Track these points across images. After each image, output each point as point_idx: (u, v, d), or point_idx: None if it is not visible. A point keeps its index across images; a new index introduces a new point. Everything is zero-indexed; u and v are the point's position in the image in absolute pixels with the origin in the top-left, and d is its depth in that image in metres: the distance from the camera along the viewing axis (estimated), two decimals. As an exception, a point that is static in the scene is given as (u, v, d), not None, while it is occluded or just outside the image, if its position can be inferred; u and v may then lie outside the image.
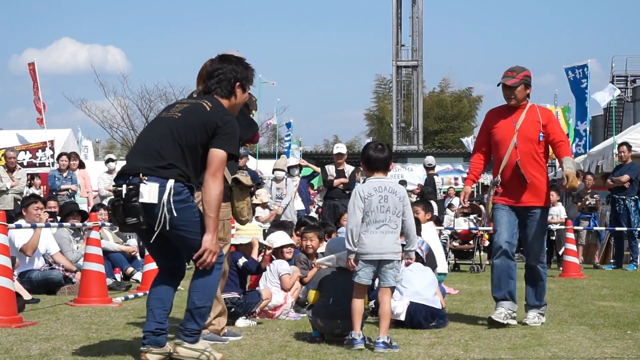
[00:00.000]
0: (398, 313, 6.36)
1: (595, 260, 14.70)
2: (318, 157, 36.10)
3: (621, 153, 14.10)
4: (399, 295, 6.45)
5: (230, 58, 5.10)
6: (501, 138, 6.73)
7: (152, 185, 4.60)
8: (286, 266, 7.34)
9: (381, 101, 54.57)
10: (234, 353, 5.21)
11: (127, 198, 4.60)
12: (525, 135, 6.65)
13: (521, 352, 5.36)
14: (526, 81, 6.76)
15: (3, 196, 14.16)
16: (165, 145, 4.72)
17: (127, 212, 4.63)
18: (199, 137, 4.73)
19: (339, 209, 13.17)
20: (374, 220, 5.50)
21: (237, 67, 5.06)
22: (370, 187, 5.57)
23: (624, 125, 28.94)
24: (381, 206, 5.53)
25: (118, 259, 10.64)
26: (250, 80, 5.16)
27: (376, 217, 5.50)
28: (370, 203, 5.52)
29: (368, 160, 5.68)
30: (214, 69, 5.07)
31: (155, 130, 4.85)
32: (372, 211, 5.51)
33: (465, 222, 13.70)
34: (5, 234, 6.69)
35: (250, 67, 5.16)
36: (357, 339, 5.41)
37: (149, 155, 4.72)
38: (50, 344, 5.47)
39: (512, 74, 6.75)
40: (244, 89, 5.10)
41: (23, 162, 17.29)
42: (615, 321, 6.87)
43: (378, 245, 5.47)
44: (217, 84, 5.01)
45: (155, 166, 4.67)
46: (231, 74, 5.02)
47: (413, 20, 45.86)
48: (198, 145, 4.74)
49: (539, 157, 6.70)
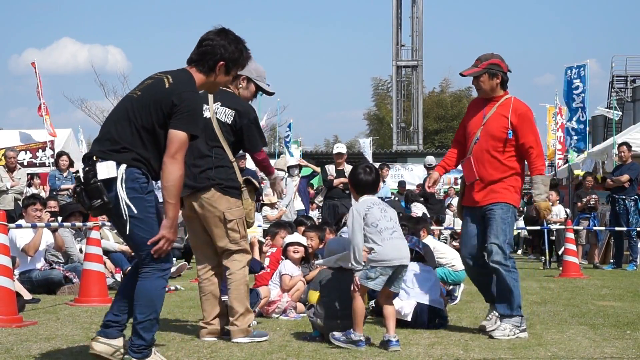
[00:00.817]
0: (406, 314, 6.36)
1: (595, 260, 14.71)
2: (318, 157, 36.08)
3: (621, 153, 14.11)
4: (406, 295, 6.44)
5: (228, 34, 4.70)
6: (469, 131, 6.28)
7: (108, 162, 4.35)
8: (290, 267, 7.32)
9: (380, 102, 54.55)
10: (234, 353, 5.21)
11: (86, 180, 4.37)
12: (488, 130, 6.14)
13: (521, 352, 5.37)
14: (490, 70, 6.15)
15: (3, 196, 14.18)
16: (121, 128, 4.43)
17: (90, 195, 4.37)
18: (155, 116, 4.39)
19: (339, 209, 13.19)
20: (384, 228, 5.48)
21: (230, 45, 4.66)
22: (365, 204, 5.57)
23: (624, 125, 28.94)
24: (383, 216, 5.53)
25: (118, 259, 10.65)
26: (240, 65, 4.77)
27: (385, 225, 5.49)
28: (372, 215, 5.49)
29: (358, 184, 5.67)
30: (205, 38, 4.69)
31: (114, 112, 4.56)
32: (378, 220, 5.49)
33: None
34: (6, 233, 6.69)
35: (246, 51, 4.77)
36: (362, 341, 5.40)
37: (105, 139, 4.45)
38: (50, 344, 5.47)
39: (476, 62, 6.21)
40: (228, 71, 4.70)
41: (23, 162, 17.30)
42: (615, 321, 6.87)
43: (398, 251, 5.46)
44: (200, 56, 4.63)
45: (109, 149, 4.40)
46: (219, 50, 4.63)
47: (413, 20, 45.84)
48: (155, 125, 4.40)
49: (499, 155, 6.11)
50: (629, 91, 36.30)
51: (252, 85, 5.94)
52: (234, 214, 5.63)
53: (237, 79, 5.83)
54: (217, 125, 5.64)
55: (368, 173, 5.69)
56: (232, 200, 5.63)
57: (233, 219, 5.62)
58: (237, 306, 5.63)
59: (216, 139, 5.63)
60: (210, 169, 5.60)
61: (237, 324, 5.63)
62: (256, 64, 5.93)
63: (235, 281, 5.65)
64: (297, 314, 7.14)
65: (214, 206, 5.59)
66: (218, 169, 5.60)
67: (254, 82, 5.93)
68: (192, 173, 5.57)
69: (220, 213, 5.59)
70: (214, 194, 5.59)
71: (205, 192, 5.59)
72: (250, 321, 5.73)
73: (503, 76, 6.21)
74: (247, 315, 5.68)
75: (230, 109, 5.68)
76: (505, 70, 6.23)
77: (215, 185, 5.58)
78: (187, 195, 5.61)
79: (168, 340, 5.69)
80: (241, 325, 5.62)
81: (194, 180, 5.58)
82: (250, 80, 5.91)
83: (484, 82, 6.18)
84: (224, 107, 5.69)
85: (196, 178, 5.59)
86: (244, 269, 5.71)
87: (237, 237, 5.65)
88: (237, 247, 5.66)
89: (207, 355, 5.14)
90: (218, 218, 5.60)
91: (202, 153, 5.61)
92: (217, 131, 5.63)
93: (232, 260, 5.68)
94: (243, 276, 5.69)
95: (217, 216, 5.60)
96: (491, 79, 6.18)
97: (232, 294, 5.65)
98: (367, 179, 5.66)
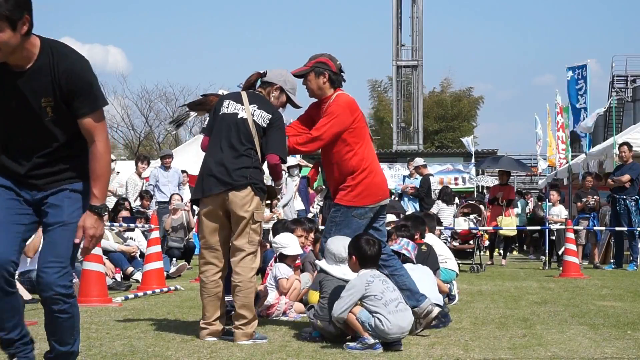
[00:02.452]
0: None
1: (596, 260, 14.71)
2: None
3: (622, 153, 14.11)
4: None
5: None
6: None
7: None
8: (284, 270, 7.33)
9: (379, 102, 54.52)
10: (234, 353, 5.21)
11: None
12: None
13: (521, 352, 5.36)
14: (317, 69, 6.02)
15: (3, 196, 14.15)
16: None
17: None
18: None
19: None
20: (390, 300, 5.38)
21: None
22: (365, 277, 5.46)
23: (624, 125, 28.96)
24: (387, 287, 5.45)
25: (118, 259, 10.66)
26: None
27: (390, 297, 5.40)
28: (374, 287, 5.39)
29: (360, 256, 5.56)
30: None
31: None
32: (382, 292, 5.39)
33: (465, 222, 13.72)
34: (5, 234, 6.67)
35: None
36: (378, 343, 5.32)
37: None
38: (50, 344, 5.45)
39: (308, 61, 6.10)
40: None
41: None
42: (615, 321, 6.86)
43: (400, 327, 5.33)
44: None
45: None
46: None
47: (413, 20, 45.82)
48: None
49: (333, 155, 6.07)
50: (629, 91, 36.33)
51: (284, 96, 5.98)
52: (260, 216, 5.71)
53: (270, 87, 5.91)
54: (253, 126, 5.69)
55: (372, 245, 5.59)
56: (260, 203, 5.71)
57: (259, 220, 5.70)
58: (245, 313, 5.63)
59: (251, 141, 5.67)
60: (248, 167, 5.63)
61: (243, 329, 5.63)
62: (291, 76, 6.00)
63: (246, 289, 5.63)
64: (296, 314, 7.14)
65: (247, 205, 5.60)
66: (254, 170, 5.66)
67: (286, 93, 5.97)
68: (227, 170, 5.61)
69: (250, 213, 5.61)
70: (249, 193, 5.61)
71: (241, 190, 5.61)
72: (255, 326, 5.73)
73: (331, 75, 6.04)
74: (254, 321, 5.70)
75: (267, 113, 5.75)
76: (334, 69, 6.06)
77: (252, 185, 5.62)
78: (222, 191, 5.63)
79: (168, 340, 5.69)
80: (246, 330, 5.64)
81: (230, 177, 5.61)
82: (282, 91, 5.96)
83: (311, 81, 6.08)
84: (261, 110, 5.75)
85: (232, 176, 5.61)
86: (254, 277, 5.73)
87: (255, 240, 5.69)
88: (252, 249, 5.66)
89: (207, 355, 5.14)
90: (246, 217, 5.61)
91: (238, 152, 5.65)
92: (253, 133, 5.68)
93: (244, 266, 5.64)
94: (254, 284, 5.71)
95: (245, 215, 5.61)
96: (317, 78, 6.06)
97: (240, 301, 5.62)
98: (372, 251, 5.56)
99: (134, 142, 46.15)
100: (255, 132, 5.69)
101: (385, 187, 6.24)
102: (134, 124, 45.91)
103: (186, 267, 12.19)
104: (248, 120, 5.69)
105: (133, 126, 45.89)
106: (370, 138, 6.23)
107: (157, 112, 45.93)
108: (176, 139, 44.17)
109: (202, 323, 5.79)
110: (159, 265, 9.69)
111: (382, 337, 5.33)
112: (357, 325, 5.39)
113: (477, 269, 13.16)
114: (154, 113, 45.74)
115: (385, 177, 6.30)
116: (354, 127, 6.01)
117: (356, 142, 6.03)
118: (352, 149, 6.01)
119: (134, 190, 15.03)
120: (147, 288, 9.20)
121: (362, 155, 6.03)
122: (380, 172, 6.20)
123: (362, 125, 6.10)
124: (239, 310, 5.64)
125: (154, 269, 9.59)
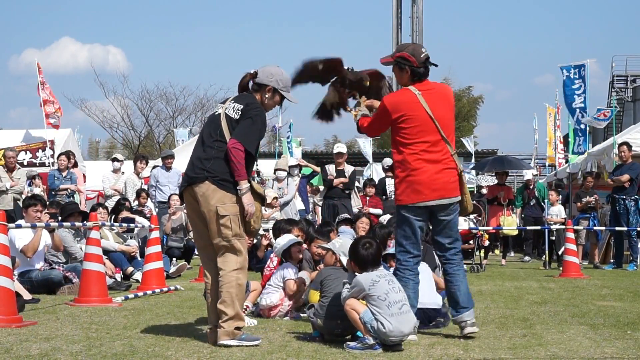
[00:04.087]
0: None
1: (596, 260, 14.72)
2: (318, 157, 36.07)
3: (621, 153, 14.11)
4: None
5: None
6: None
7: None
8: (292, 271, 7.29)
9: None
10: (234, 353, 5.21)
11: None
12: None
13: (521, 352, 5.36)
14: (400, 64, 6.03)
15: (3, 196, 14.18)
16: None
17: None
18: None
19: (338, 209, 13.20)
20: (393, 302, 5.36)
21: None
22: (369, 277, 5.44)
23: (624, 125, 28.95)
24: (392, 288, 5.43)
25: (118, 258, 10.65)
26: None
27: (394, 298, 5.38)
28: (379, 287, 5.38)
29: (357, 260, 5.55)
30: None
31: None
32: (386, 293, 5.38)
33: (465, 222, 13.70)
34: (5, 233, 6.69)
35: None
36: (378, 343, 5.32)
37: None
38: (50, 344, 5.47)
39: (396, 51, 6.12)
40: None
41: (23, 162, 17.31)
42: (615, 321, 6.87)
43: (401, 330, 5.32)
44: None
45: None
46: None
47: (413, 20, 45.67)
48: None
49: None
50: (629, 91, 36.31)
51: (277, 96, 5.83)
52: (227, 209, 5.46)
53: (262, 89, 5.77)
54: (224, 120, 5.58)
55: (367, 247, 5.56)
56: (227, 195, 5.47)
57: (226, 214, 5.45)
58: (225, 309, 5.43)
59: (220, 133, 5.55)
60: (208, 159, 5.51)
61: (224, 326, 5.44)
62: (284, 73, 5.85)
63: (226, 283, 5.45)
64: (296, 314, 7.13)
65: (208, 199, 5.46)
66: (215, 161, 5.50)
67: (279, 93, 5.83)
68: (191, 165, 5.59)
69: (213, 207, 5.46)
70: (209, 187, 5.46)
71: (200, 184, 5.50)
72: (241, 325, 5.52)
73: (412, 69, 5.99)
74: (237, 320, 5.47)
75: (240, 104, 5.61)
76: (416, 64, 5.98)
77: (210, 178, 5.46)
78: (185, 187, 5.59)
79: (168, 340, 5.68)
80: (227, 327, 5.43)
81: (192, 171, 5.56)
82: (275, 91, 5.81)
83: (396, 75, 6.12)
84: (234, 102, 5.65)
85: (193, 170, 5.55)
86: (237, 272, 5.49)
87: (228, 234, 5.46)
88: (227, 244, 5.47)
89: (207, 355, 5.14)
90: (212, 212, 5.47)
91: (204, 145, 5.58)
92: (223, 125, 5.56)
93: (224, 261, 5.50)
94: (235, 279, 5.47)
95: (210, 210, 5.46)
96: (400, 72, 6.05)
97: (221, 296, 5.45)
98: (367, 254, 5.53)
99: (134, 142, 46.14)
100: (226, 124, 5.55)
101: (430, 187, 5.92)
102: (134, 124, 45.89)
103: (186, 267, 12.18)
104: (221, 115, 5.61)
105: (133, 126, 45.86)
106: (420, 136, 5.90)
107: (157, 112, 45.90)
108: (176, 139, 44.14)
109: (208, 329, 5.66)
110: (159, 265, 9.68)
111: (383, 340, 5.33)
112: (360, 324, 5.40)
113: (477, 269, 13.16)
114: (154, 113, 45.71)
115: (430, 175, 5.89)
116: (397, 126, 5.93)
117: (400, 141, 5.94)
118: (395, 147, 5.98)
119: (132, 190, 15.05)
120: (147, 288, 9.20)
121: (403, 155, 5.91)
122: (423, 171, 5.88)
123: (409, 125, 5.89)
124: (218, 306, 5.45)
125: (154, 269, 9.59)
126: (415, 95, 5.94)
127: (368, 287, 5.39)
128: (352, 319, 5.43)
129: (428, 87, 6.02)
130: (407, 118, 5.90)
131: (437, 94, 6.04)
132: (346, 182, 13.58)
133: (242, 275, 5.55)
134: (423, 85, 6.01)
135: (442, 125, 5.96)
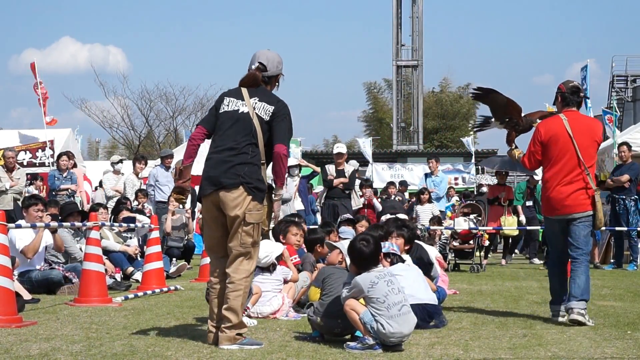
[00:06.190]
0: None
1: (596, 260, 14.71)
2: (318, 157, 36.08)
3: (621, 153, 14.11)
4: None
5: None
6: None
7: None
8: (284, 270, 7.37)
9: (376, 103, 54.50)
10: (234, 353, 5.21)
11: None
12: None
13: (521, 352, 5.36)
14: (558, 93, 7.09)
15: (2, 196, 14.17)
16: None
17: None
18: None
19: (338, 209, 13.20)
20: (393, 303, 5.34)
21: None
22: (368, 279, 5.42)
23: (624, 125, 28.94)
24: (392, 289, 5.40)
25: (118, 258, 10.65)
26: None
27: (394, 300, 5.36)
28: (378, 289, 5.36)
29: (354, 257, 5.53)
30: None
31: None
32: (386, 296, 5.35)
33: (465, 222, 13.70)
34: (5, 233, 6.68)
35: None
36: (378, 344, 5.31)
37: None
38: (50, 344, 5.46)
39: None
40: None
41: (23, 162, 17.30)
42: (615, 321, 6.86)
43: (401, 331, 5.32)
44: None
45: None
46: None
47: (413, 20, 45.83)
48: None
49: None
50: (629, 91, 36.31)
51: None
52: (254, 217, 5.43)
53: (272, 79, 5.71)
54: (257, 121, 5.49)
55: (366, 245, 5.52)
56: (256, 204, 5.43)
57: (253, 222, 5.43)
58: (230, 316, 5.41)
59: (253, 135, 5.46)
60: (244, 164, 5.42)
61: (227, 332, 5.41)
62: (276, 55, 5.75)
63: (235, 291, 5.43)
64: (296, 314, 7.14)
65: (238, 206, 5.39)
66: (250, 167, 5.43)
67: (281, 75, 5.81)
68: (222, 169, 5.44)
69: (241, 214, 5.40)
70: (242, 193, 5.39)
71: (234, 190, 5.40)
72: (243, 331, 5.49)
73: (561, 96, 7.01)
74: (240, 327, 5.46)
75: (270, 105, 5.53)
76: (564, 90, 7.00)
77: (245, 184, 5.39)
78: (214, 190, 5.47)
79: (168, 340, 5.68)
80: (230, 333, 5.41)
81: (224, 176, 5.42)
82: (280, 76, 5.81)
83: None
84: (262, 102, 5.55)
85: (226, 174, 5.42)
86: (247, 279, 5.48)
87: (248, 242, 5.44)
88: (243, 251, 5.46)
89: (207, 355, 5.14)
90: (239, 218, 5.41)
91: (237, 150, 5.45)
92: (257, 128, 5.48)
93: (237, 268, 5.46)
94: (245, 287, 5.47)
95: (238, 216, 5.40)
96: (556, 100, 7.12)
97: (227, 302, 5.42)
98: (365, 251, 5.50)
99: (134, 142, 46.12)
100: (258, 126, 5.47)
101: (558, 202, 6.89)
102: (134, 124, 45.88)
103: (186, 267, 12.18)
104: (252, 115, 5.49)
105: (133, 126, 45.85)
106: (560, 157, 6.85)
107: (157, 112, 45.89)
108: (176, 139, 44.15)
109: (209, 326, 5.64)
110: (159, 265, 9.68)
111: (383, 341, 5.33)
112: (360, 324, 5.40)
113: (477, 268, 13.16)
114: (154, 113, 45.71)
115: (561, 193, 6.87)
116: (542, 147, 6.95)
117: (543, 160, 7.00)
118: (544, 165, 7.01)
119: (132, 190, 15.05)
120: (147, 288, 9.20)
121: (544, 173, 7.00)
122: (555, 188, 6.88)
123: (549, 146, 6.90)
124: (223, 312, 5.42)
125: (154, 269, 9.59)
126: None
127: (367, 289, 5.38)
128: (352, 319, 5.43)
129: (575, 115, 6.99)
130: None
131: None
132: (346, 182, 13.58)
133: (250, 282, 5.61)
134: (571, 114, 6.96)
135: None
